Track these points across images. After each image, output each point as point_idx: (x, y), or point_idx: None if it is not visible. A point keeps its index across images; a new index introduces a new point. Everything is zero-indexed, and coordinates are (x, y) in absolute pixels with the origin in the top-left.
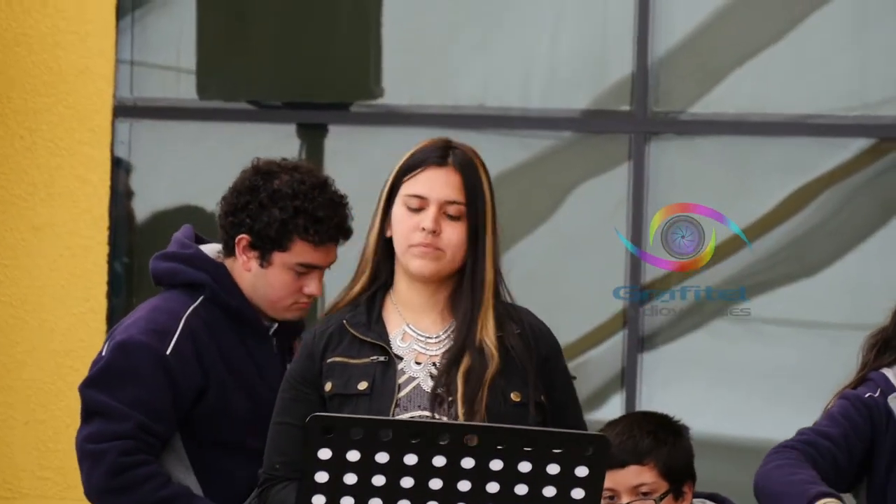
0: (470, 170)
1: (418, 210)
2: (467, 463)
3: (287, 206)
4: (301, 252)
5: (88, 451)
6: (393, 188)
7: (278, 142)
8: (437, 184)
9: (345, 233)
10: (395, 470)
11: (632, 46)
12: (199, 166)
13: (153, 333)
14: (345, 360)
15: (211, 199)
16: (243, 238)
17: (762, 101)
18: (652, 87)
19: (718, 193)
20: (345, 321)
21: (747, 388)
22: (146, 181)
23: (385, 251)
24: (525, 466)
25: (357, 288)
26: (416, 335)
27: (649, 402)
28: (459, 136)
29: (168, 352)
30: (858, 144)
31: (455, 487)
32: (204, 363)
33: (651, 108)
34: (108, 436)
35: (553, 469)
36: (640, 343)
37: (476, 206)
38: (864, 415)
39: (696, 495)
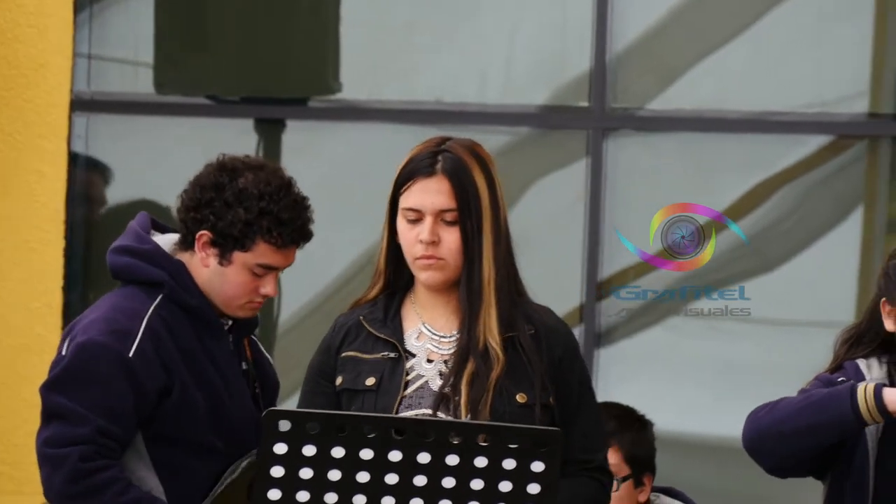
0: (460, 173)
1: (416, 221)
2: (423, 458)
3: (252, 207)
4: (262, 253)
5: (48, 456)
6: (394, 199)
7: (236, 137)
8: (429, 194)
9: (306, 236)
10: (350, 465)
11: (590, 42)
12: (157, 161)
13: (114, 334)
14: (357, 354)
15: (168, 194)
16: (204, 234)
17: (720, 97)
18: (610, 84)
19: (677, 190)
20: (362, 317)
21: (704, 384)
22: (103, 175)
23: (398, 259)
24: (481, 461)
25: (371, 294)
26: (431, 334)
27: (606, 397)
28: (417, 132)
29: (131, 354)
30: (816, 141)
31: (411, 482)
32: (166, 363)
33: (609, 104)
34: (67, 440)
35: (509, 464)
36: (597, 338)
37: (469, 210)
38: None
39: (652, 489)
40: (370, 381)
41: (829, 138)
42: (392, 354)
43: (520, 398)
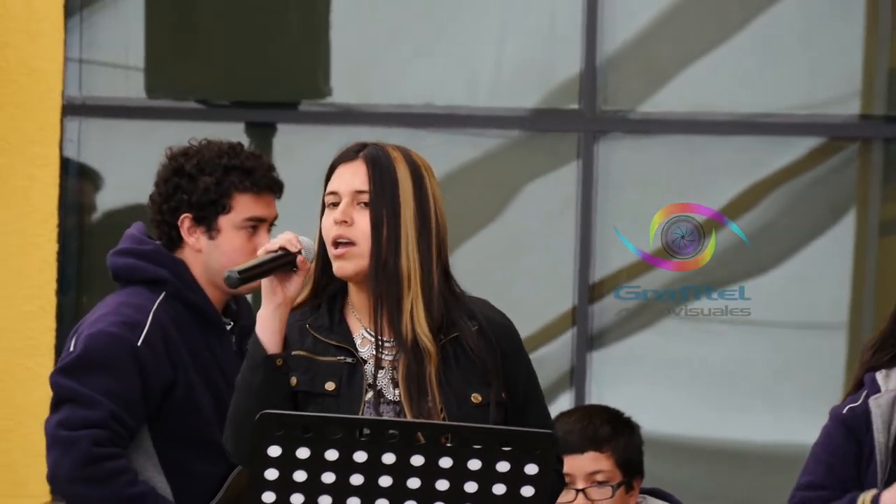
0: (379, 159)
1: (335, 206)
2: (417, 460)
3: (216, 168)
4: (244, 206)
5: (61, 438)
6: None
7: (227, 141)
8: (345, 177)
9: (277, 183)
10: (344, 467)
11: (580, 45)
12: (148, 165)
13: (123, 325)
14: (310, 355)
15: None
16: (185, 218)
17: (711, 100)
18: (600, 86)
19: (668, 192)
20: (308, 325)
21: (695, 386)
22: (95, 179)
23: (328, 262)
24: (475, 464)
25: (301, 299)
26: (373, 339)
27: (599, 399)
28: (407, 135)
29: (139, 343)
30: (808, 143)
31: (405, 485)
32: (172, 357)
33: (600, 106)
34: (80, 423)
35: (503, 466)
36: (589, 341)
37: (383, 192)
38: (844, 436)
39: (640, 490)
40: (330, 386)
41: (822, 140)
42: (349, 360)
43: (475, 398)
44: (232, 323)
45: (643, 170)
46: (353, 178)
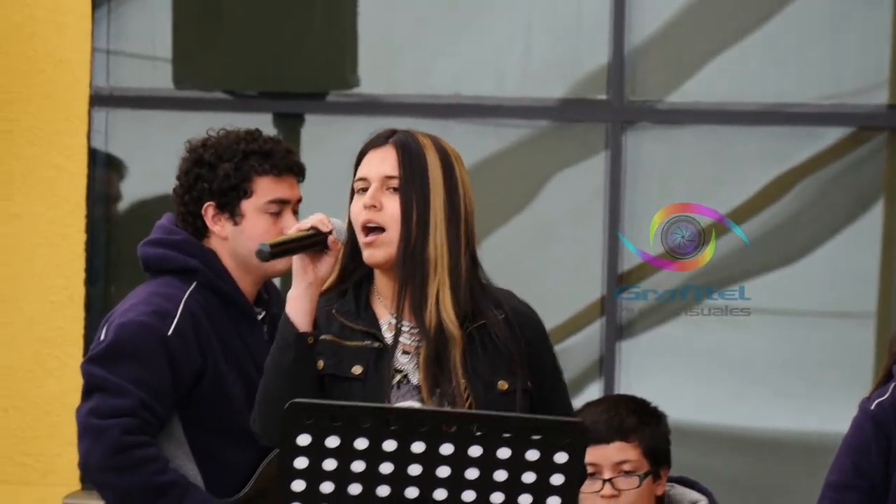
0: (409, 146)
1: (364, 191)
2: (446, 449)
3: (234, 153)
4: (265, 189)
5: (92, 426)
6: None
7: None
8: (375, 162)
9: (298, 164)
10: (374, 456)
11: (608, 35)
12: (175, 155)
13: (154, 315)
14: (337, 340)
15: None
16: (208, 206)
17: (739, 89)
18: (628, 76)
19: (695, 183)
20: (334, 310)
21: (724, 376)
22: (123, 170)
23: (356, 248)
24: (504, 453)
25: (328, 285)
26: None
27: (627, 389)
28: (435, 125)
29: (170, 332)
30: (836, 133)
31: (434, 473)
32: (203, 345)
33: (627, 97)
34: (110, 411)
35: (532, 455)
36: (618, 331)
37: (412, 178)
38: (873, 432)
39: (668, 479)
40: (357, 370)
41: (849, 130)
42: (375, 344)
43: (501, 385)
44: (263, 312)
45: (671, 160)
46: (382, 163)
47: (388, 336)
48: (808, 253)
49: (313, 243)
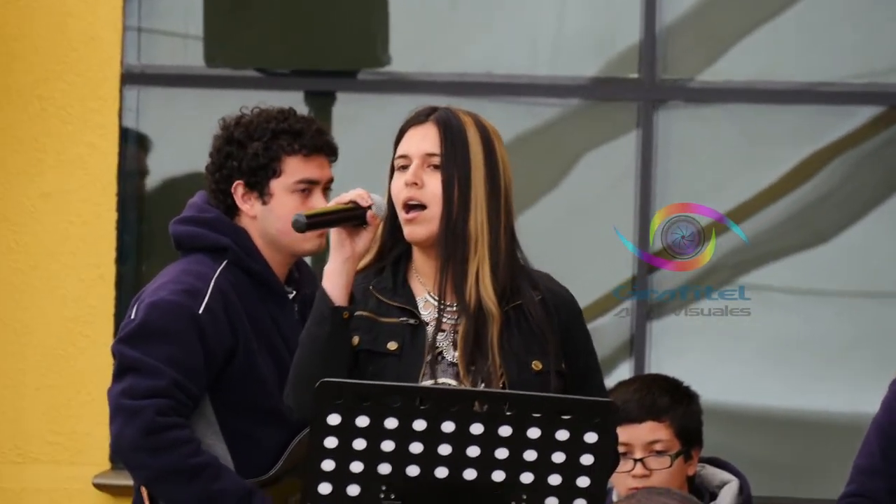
0: (450, 123)
1: (405, 168)
2: (476, 429)
3: (265, 132)
4: (294, 169)
5: (125, 407)
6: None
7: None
8: (416, 140)
9: (329, 144)
10: (404, 435)
11: (640, 13)
12: (207, 133)
13: (184, 294)
14: (373, 316)
15: None
16: (238, 184)
17: (771, 68)
18: (660, 55)
19: (727, 162)
20: (371, 287)
21: (755, 355)
22: (154, 148)
23: (396, 226)
24: (534, 432)
25: (368, 260)
26: (436, 303)
27: (658, 369)
28: (467, 104)
29: (200, 311)
30: (867, 112)
31: (464, 453)
32: (234, 324)
33: (659, 75)
34: (144, 392)
35: (562, 435)
36: (648, 311)
37: (454, 155)
38: None
39: (699, 460)
40: (392, 346)
41: (881, 109)
42: (411, 321)
43: (535, 365)
44: (294, 292)
45: (702, 138)
46: (423, 140)
47: (425, 313)
48: (839, 233)
49: (351, 217)
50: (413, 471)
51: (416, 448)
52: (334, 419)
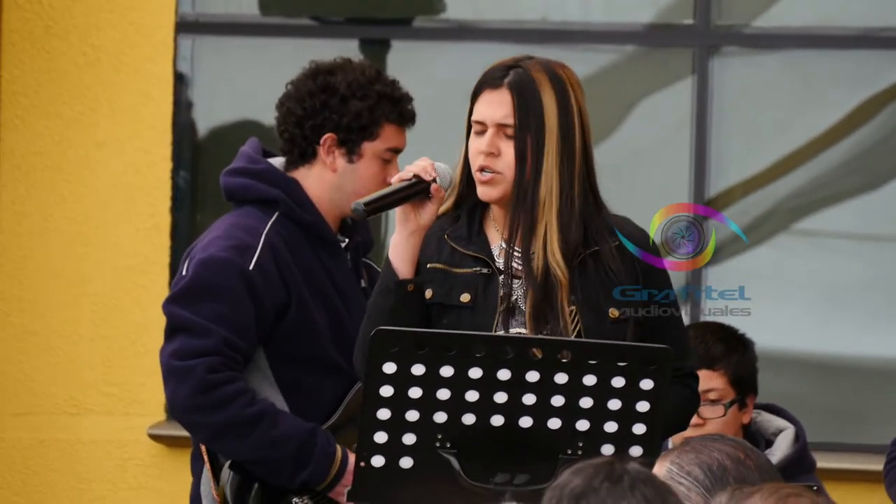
0: (524, 88)
1: (482, 133)
2: (532, 376)
3: (370, 94)
4: (389, 136)
5: (175, 368)
6: (470, 114)
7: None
8: (491, 106)
9: (414, 116)
10: (459, 384)
11: None
12: (261, 82)
13: (234, 250)
14: (446, 268)
15: (272, 114)
16: (328, 137)
17: (826, 13)
18: (714, 1)
19: (782, 107)
20: (446, 235)
21: (811, 302)
22: (208, 96)
23: (472, 178)
24: (590, 379)
25: (446, 206)
26: (511, 251)
27: (713, 316)
28: (521, 51)
29: (251, 267)
30: None
31: (520, 401)
32: (285, 278)
33: (714, 21)
34: (193, 352)
35: (618, 382)
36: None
37: (528, 125)
38: None
39: (755, 406)
40: (465, 298)
41: None
42: (484, 270)
43: (612, 314)
44: (347, 240)
45: (758, 85)
46: (498, 108)
47: (500, 261)
48: (893, 178)
49: (412, 194)
50: (469, 419)
51: (472, 396)
52: (390, 367)
